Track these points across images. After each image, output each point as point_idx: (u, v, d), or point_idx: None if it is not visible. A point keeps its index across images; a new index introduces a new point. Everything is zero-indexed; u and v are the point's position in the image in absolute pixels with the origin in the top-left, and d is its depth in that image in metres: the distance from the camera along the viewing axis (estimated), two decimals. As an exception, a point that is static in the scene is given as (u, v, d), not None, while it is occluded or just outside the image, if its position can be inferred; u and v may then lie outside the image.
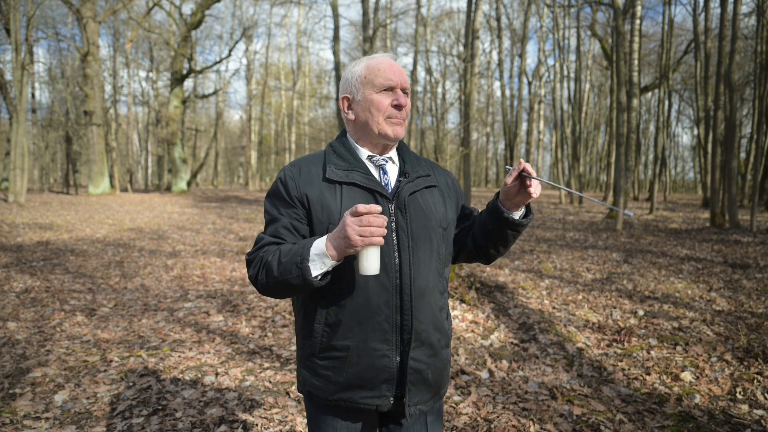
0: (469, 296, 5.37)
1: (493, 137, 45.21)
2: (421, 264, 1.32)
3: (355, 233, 1.14)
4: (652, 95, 29.70)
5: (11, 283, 5.91)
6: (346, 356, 1.31)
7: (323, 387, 1.35)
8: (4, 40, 22.27)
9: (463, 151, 14.49)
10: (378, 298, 1.29)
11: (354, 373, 1.31)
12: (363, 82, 1.34)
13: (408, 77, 1.38)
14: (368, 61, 1.37)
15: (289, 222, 1.32)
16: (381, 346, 1.30)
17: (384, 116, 1.33)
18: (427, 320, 1.34)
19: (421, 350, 1.34)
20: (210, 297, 5.56)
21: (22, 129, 16.16)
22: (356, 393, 1.33)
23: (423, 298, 1.33)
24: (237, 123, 50.80)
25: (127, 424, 2.76)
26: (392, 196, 1.34)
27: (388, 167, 1.40)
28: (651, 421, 2.80)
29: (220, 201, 22.20)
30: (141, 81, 36.41)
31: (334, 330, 1.31)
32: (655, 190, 16.59)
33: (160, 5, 25.03)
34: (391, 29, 28.45)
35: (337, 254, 1.19)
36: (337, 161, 1.34)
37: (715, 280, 6.33)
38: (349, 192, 1.31)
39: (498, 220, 1.35)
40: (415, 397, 1.35)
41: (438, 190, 1.44)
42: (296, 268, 1.21)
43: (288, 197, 1.33)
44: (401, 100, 1.32)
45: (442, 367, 1.41)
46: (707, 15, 15.64)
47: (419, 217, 1.34)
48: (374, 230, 1.13)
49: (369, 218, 1.13)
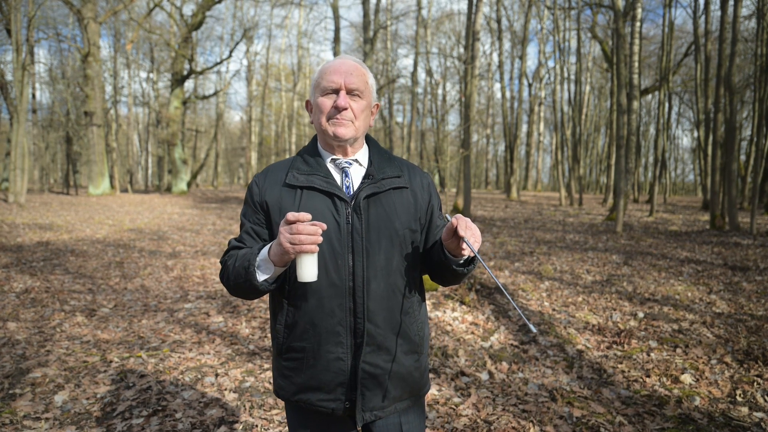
0: (469, 298, 5.37)
1: (494, 139, 45.21)
2: (378, 266, 1.32)
3: (286, 240, 1.15)
4: (652, 97, 29.71)
5: (11, 283, 5.91)
6: (303, 357, 1.33)
7: (286, 387, 1.38)
8: (4, 41, 22.30)
9: (463, 152, 14.49)
10: (330, 301, 1.30)
11: (311, 375, 1.33)
12: (314, 86, 1.38)
13: (365, 77, 1.37)
14: (323, 65, 1.40)
15: (251, 227, 1.37)
16: (335, 348, 1.31)
17: (326, 117, 1.35)
18: (384, 324, 1.33)
19: (376, 355, 1.33)
20: (210, 298, 5.56)
21: (23, 129, 16.17)
22: (313, 395, 1.34)
23: (380, 302, 1.32)
24: (237, 124, 50.84)
25: (126, 424, 2.76)
26: (351, 198, 1.34)
27: (352, 170, 1.40)
28: (651, 423, 2.80)
29: (220, 202, 22.21)
30: (141, 82, 36.42)
31: (291, 331, 1.34)
32: (655, 192, 16.59)
33: (161, 6, 25.05)
34: (392, 31, 28.50)
35: (277, 261, 1.21)
36: (301, 166, 1.37)
37: (715, 283, 6.34)
38: (308, 196, 1.33)
39: (440, 257, 1.33)
40: (369, 402, 1.34)
41: (409, 192, 1.41)
42: (245, 273, 1.25)
43: (252, 203, 1.38)
44: (339, 102, 1.32)
45: (405, 374, 1.38)
46: (707, 17, 15.67)
47: (380, 218, 1.33)
48: (304, 238, 1.14)
49: (299, 227, 1.14)
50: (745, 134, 26.89)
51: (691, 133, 38.93)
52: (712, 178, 12.90)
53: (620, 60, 14.75)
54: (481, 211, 17.90)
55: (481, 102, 37.55)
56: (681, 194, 43.57)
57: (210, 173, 46.33)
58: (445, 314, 4.84)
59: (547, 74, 30.81)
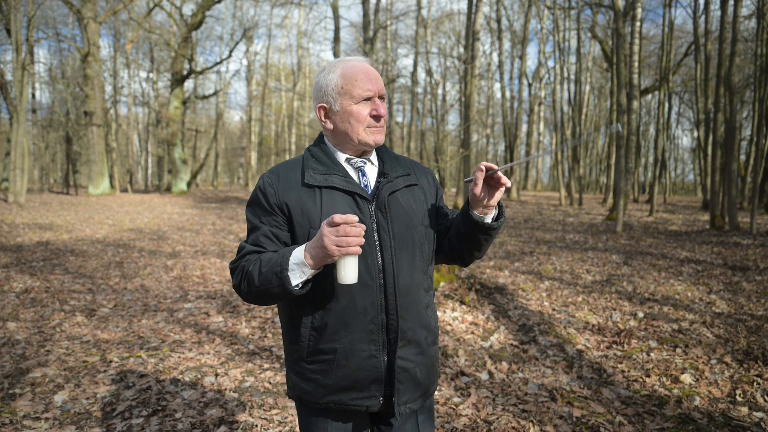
0: (469, 298, 5.37)
1: (493, 139, 45.20)
2: (405, 263, 1.33)
3: (332, 243, 1.14)
4: (652, 97, 29.71)
5: (11, 283, 5.90)
6: (333, 359, 1.32)
7: (313, 391, 1.35)
8: (4, 41, 22.30)
9: (463, 152, 14.50)
10: (363, 300, 1.30)
11: (342, 375, 1.32)
12: (340, 93, 1.32)
13: (382, 80, 1.38)
14: (343, 69, 1.33)
15: (269, 230, 1.33)
16: (368, 346, 1.31)
17: (364, 126, 1.33)
18: (413, 318, 1.35)
19: (408, 349, 1.35)
20: (210, 298, 5.56)
21: (23, 129, 16.16)
22: (346, 395, 1.34)
23: (408, 297, 1.34)
24: (237, 124, 50.82)
25: (126, 424, 2.76)
26: (372, 197, 1.35)
27: (367, 168, 1.40)
28: (651, 423, 2.80)
29: (220, 202, 22.21)
30: (141, 81, 36.40)
31: (320, 333, 1.32)
32: (655, 192, 16.59)
33: (161, 6, 25.04)
34: (392, 31, 28.49)
35: (315, 263, 1.19)
36: (316, 165, 1.34)
37: (715, 283, 6.34)
38: (328, 196, 1.31)
39: (470, 224, 1.35)
40: (404, 395, 1.36)
41: (419, 188, 1.44)
42: (276, 278, 1.21)
43: (267, 205, 1.33)
44: (380, 110, 1.32)
45: (430, 365, 1.42)
46: (707, 17, 15.66)
47: (400, 216, 1.35)
48: (351, 240, 1.14)
49: (346, 228, 1.13)
50: (745, 134, 26.91)
51: (691, 133, 38.95)
52: (712, 178, 12.90)
53: (620, 60, 14.75)
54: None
55: (481, 102, 37.55)
56: (681, 194, 43.56)
57: (210, 173, 46.32)
58: (445, 314, 4.84)
59: (547, 74, 30.81)
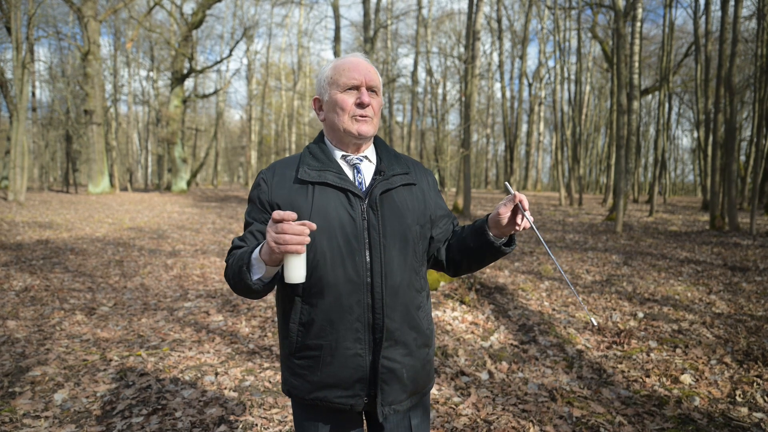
0: (469, 297, 5.37)
1: (494, 139, 45.23)
2: (394, 262, 1.33)
3: (272, 240, 1.13)
4: (652, 98, 29.72)
5: (11, 281, 5.90)
6: (319, 355, 1.33)
7: (300, 386, 1.37)
8: (4, 39, 22.27)
9: (463, 152, 14.49)
10: (349, 298, 1.29)
11: (328, 372, 1.32)
12: (330, 83, 1.36)
13: (378, 75, 1.39)
14: (336, 62, 1.38)
15: (256, 228, 1.35)
16: (353, 345, 1.31)
17: (349, 115, 1.34)
18: (401, 319, 1.35)
19: (394, 349, 1.34)
20: (210, 296, 5.55)
21: (22, 127, 16.15)
22: (331, 392, 1.34)
23: (396, 297, 1.33)
24: (237, 123, 50.80)
25: (126, 423, 2.76)
26: (365, 194, 1.34)
27: (363, 166, 1.40)
28: (650, 424, 2.80)
29: (220, 201, 22.20)
30: (141, 80, 36.39)
31: (307, 329, 1.33)
32: (655, 192, 16.60)
33: (161, 5, 25.01)
34: (392, 30, 28.48)
35: (267, 260, 1.19)
36: (311, 162, 1.36)
37: (715, 283, 6.34)
38: (321, 192, 1.32)
39: (481, 241, 1.35)
40: (388, 396, 1.35)
41: (418, 188, 1.44)
42: (239, 272, 1.24)
43: (259, 202, 1.36)
44: (363, 98, 1.33)
45: (419, 367, 1.40)
46: (708, 18, 15.65)
47: (394, 214, 1.35)
48: (289, 238, 1.11)
49: (283, 226, 1.11)
50: (745, 135, 26.90)
51: (691, 134, 38.97)
52: (712, 178, 12.90)
53: (620, 60, 14.75)
54: (480, 211, 17.88)
55: (481, 102, 37.56)
56: (681, 194, 43.56)
57: (210, 172, 46.30)
58: (445, 314, 4.84)
59: (547, 74, 30.82)
